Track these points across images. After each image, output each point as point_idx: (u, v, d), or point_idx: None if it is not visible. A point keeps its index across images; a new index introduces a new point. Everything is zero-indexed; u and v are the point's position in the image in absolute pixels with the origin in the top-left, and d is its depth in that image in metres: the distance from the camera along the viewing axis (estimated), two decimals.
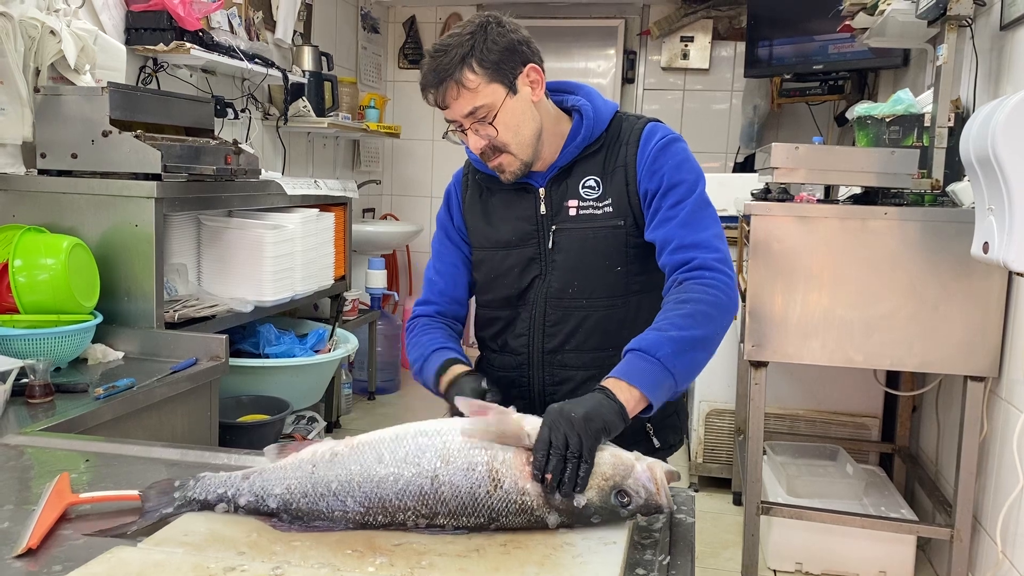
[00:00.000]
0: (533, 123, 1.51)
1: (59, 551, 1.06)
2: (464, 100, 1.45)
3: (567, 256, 1.55)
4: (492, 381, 1.49)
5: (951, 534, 2.33)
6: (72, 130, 2.39)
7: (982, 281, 2.25)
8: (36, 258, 2.10)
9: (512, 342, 1.61)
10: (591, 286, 1.55)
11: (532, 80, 1.50)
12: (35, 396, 1.83)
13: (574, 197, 1.55)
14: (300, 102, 4.03)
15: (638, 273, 1.55)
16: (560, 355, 1.57)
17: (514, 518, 1.08)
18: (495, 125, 1.47)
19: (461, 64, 1.43)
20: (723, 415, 3.59)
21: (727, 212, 3.77)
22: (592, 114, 1.57)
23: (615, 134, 1.58)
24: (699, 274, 1.42)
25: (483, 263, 1.64)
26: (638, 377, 1.26)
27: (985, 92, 2.46)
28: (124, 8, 2.98)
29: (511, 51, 1.47)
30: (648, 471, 1.10)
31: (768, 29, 4.43)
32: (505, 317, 1.62)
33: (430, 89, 1.48)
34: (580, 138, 1.56)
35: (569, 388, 1.57)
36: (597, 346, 1.56)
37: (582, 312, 1.55)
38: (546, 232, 1.57)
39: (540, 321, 1.57)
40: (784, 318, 2.37)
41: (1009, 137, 1.60)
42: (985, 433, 2.32)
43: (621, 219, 1.53)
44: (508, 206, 1.61)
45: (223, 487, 1.14)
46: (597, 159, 1.57)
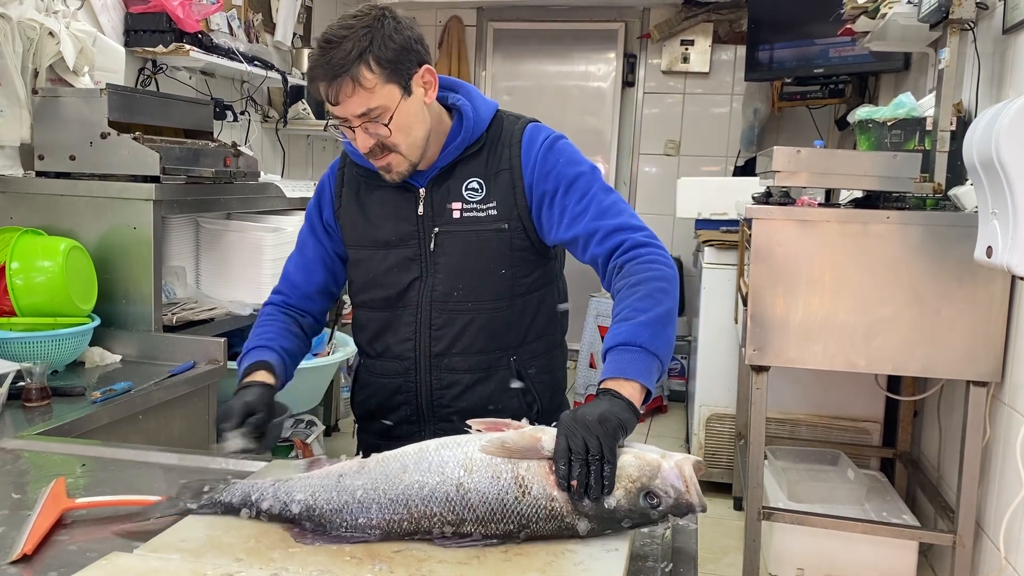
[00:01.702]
0: (424, 125, 1.49)
1: (55, 557, 1.05)
2: (358, 99, 1.39)
3: (451, 259, 1.53)
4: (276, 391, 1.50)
5: (953, 540, 2.32)
6: (70, 132, 2.37)
7: (984, 285, 2.24)
8: (33, 260, 2.09)
9: (396, 347, 1.58)
10: (476, 289, 1.53)
11: (426, 81, 1.47)
12: (32, 399, 1.82)
13: (457, 199, 1.53)
14: (300, 104, 4.02)
15: (524, 275, 1.55)
16: (447, 358, 1.55)
17: (544, 524, 1.06)
18: (389, 127, 1.43)
19: (358, 61, 1.37)
20: (723, 420, 3.57)
21: (727, 216, 3.77)
22: (472, 114, 1.54)
23: (496, 135, 1.56)
24: (635, 253, 1.42)
25: (361, 262, 1.61)
26: (630, 369, 1.25)
27: (987, 96, 2.45)
28: (123, 10, 2.97)
29: (407, 50, 1.42)
30: (676, 469, 1.07)
31: (769, 32, 4.42)
32: (383, 319, 1.59)
33: (321, 82, 1.40)
34: (460, 139, 1.53)
35: (457, 391, 1.56)
36: (484, 348, 1.55)
37: (468, 315, 1.54)
38: (427, 233, 1.54)
39: (426, 324, 1.55)
40: (785, 322, 2.36)
41: (1013, 140, 1.59)
42: (988, 438, 2.31)
43: (505, 222, 1.52)
44: (387, 204, 1.58)
45: (249, 491, 1.13)
46: (479, 160, 1.54)
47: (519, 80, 5.56)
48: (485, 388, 1.56)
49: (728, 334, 3.47)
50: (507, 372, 1.57)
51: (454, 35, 5.46)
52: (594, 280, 1.63)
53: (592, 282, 5.49)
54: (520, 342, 1.58)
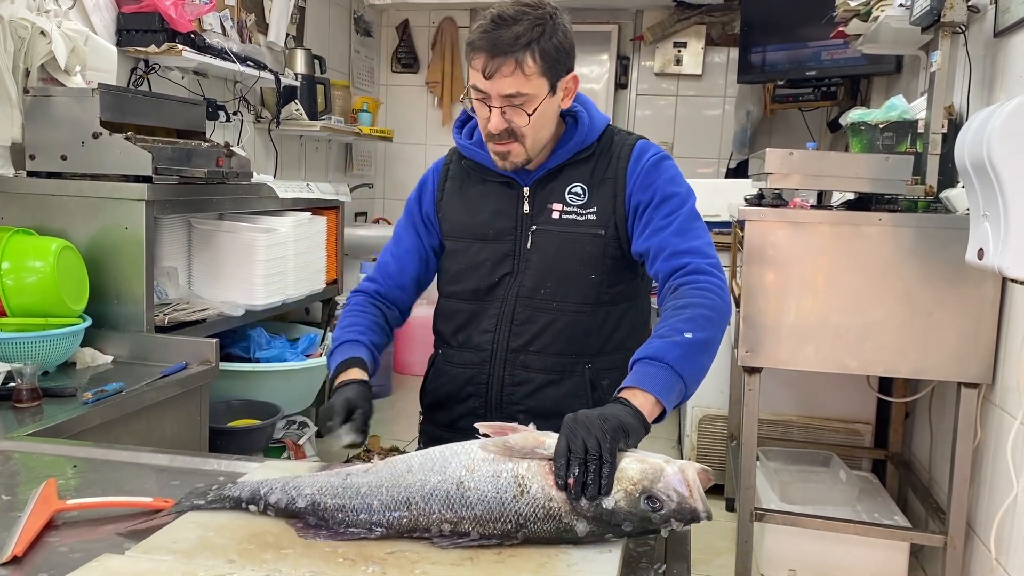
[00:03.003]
0: (553, 127, 1.54)
1: (45, 559, 1.04)
2: (513, 81, 1.43)
3: (543, 257, 1.56)
4: (373, 379, 1.51)
5: (945, 541, 2.33)
6: (62, 132, 2.37)
7: (976, 288, 2.25)
8: (24, 260, 2.08)
9: (477, 338, 1.60)
10: (564, 290, 1.55)
11: (567, 88, 1.52)
12: (22, 400, 1.81)
13: (559, 201, 1.56)
14: (292, 105, 4.01)
15: (611, 285, 1.57)
16: (523, 355, 1.57)
17: (542, 525, 1.05)
18: (522, 116, 1.46)
19: (526, 47, 1.41)
20: (716, 421, 3.58)
21: (720, 218, 3.78)
22: (587, 122, 1.58)
23: (607, 146, 1.59)
24: (694, 279, 1.43)
25: (456, 253, 1.64)
26: (649, 382, 1.24)
27: (979, 99, 2.46)
28: (115, 9, 2.96)
29: (567, 53, 1.48)
30: (679, 473, 1.06)
31: (761, 35, 4.43)
32: (469, 311, 1.62)
33: (482, 54, 1.42)
34: (572, 143, 1.57)
35: (528, 390, 1.58)
36: (560, 351, 1.57)
37: (551, 314, 1.56)
38: (525, 231, 1.57)
39: (508, 318, 1.57)
40: (778, 324, 2.37)
41: (1005, 143, 1.60)
42: (979, 440, 2.32)
43: (603, 228, 1.54)
44: (489, 199, 1.61)
45: (258, 487, 1.15)
46: (586, 167, 1.58)
47: None
48: (556, 391, 1.57)
49: None
50: (580, 379, 1.57)
51: (447, 36, 5.45)
52: None
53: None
54: (598, 351, 1.58)
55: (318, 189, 3.39)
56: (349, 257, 4.27)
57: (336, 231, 3.58)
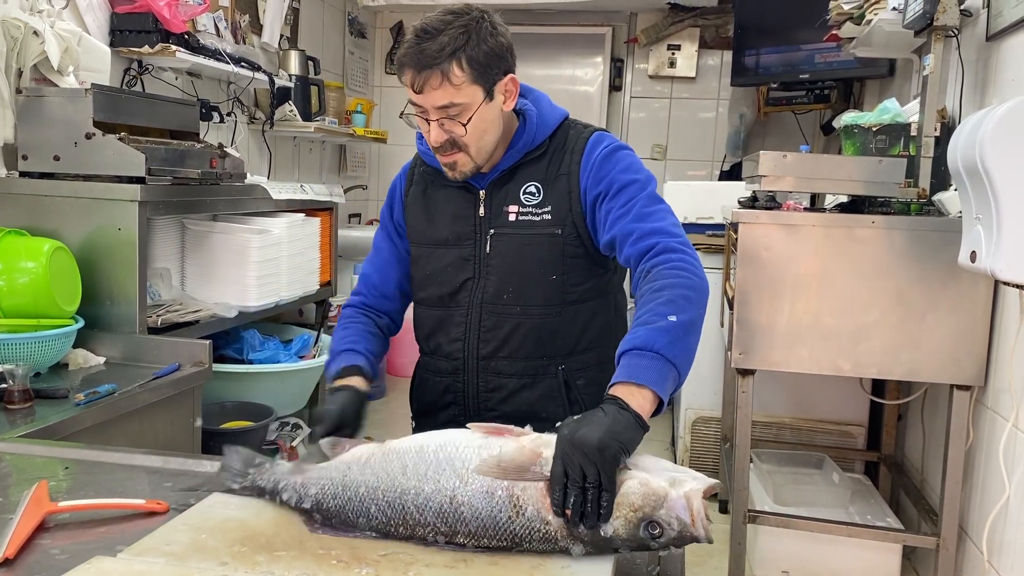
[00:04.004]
0: (497, 131, 1.51)
1: (37, 561, 1.04)
2: (443, 93, 1.41)
3: (503, 261, 1.54)
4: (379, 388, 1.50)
5: (937, 543, 2.33)
6: (55, 132, 2.36)
7: (968, 290, 2.25)
8: (16, 261, 2.07)
9: (447, 346, 1.60)
10: (526, 293, 1.54)
11: (508, 91, 1.49)
12: (14, 402, 1.80)
13: (514, 202, 1.54)
14: (286, 106, 4.01)
15: (575, 283, 1.54)
16: (494, 361, 1.56)
17: (537, 545, 1.05)
18: (466, 126, 1.45)
19: (451, 57, 1.39)
20: (709, 423, 3.58)
21: (714, 220, 3.79)
22: (536, 119, 1.55)
23: (561, 141, 1.57)
24: (665, 258, 1.38)
25: (419, 259, 1.64)
26: (643, 375, 1.18)
27: (971, 102, 2.47)
28: (109, 9, 2.95)
29: (498, 56, 1.45)
30: (683, 499, 1.02)
31: (755, 38, 4.44)
32: (437, 317, 1.61)
33: (410, 69, 1.42)
34: (521, 143, 1.55)
35: (502, 396, 1.57)
36: (530, 354, 1.55)
37: (516, 319, 1.54)
38: (483, 235, 1.56)
39: (476, 325, 1.56)
40: (771, 326, 2.37)
41: (997, 147, 1.60)
42: (971, 442, 2.33)
43: (559, 227, 1.52)
44: (449, 204, 1.60)
45: (277, 478, 1.19)
46: (540, 165, 1.55)
47: None
48: (530, 394, 1.56)
49: (714, 338, 3.48)
50: (554, 380, 1.56)
51: None
52: None
53: None
54: (570, 351, 1.56)
55: (312, 190, 3.38)
56: (343, 259, 4.27)
57: (330, 232, 3.58)
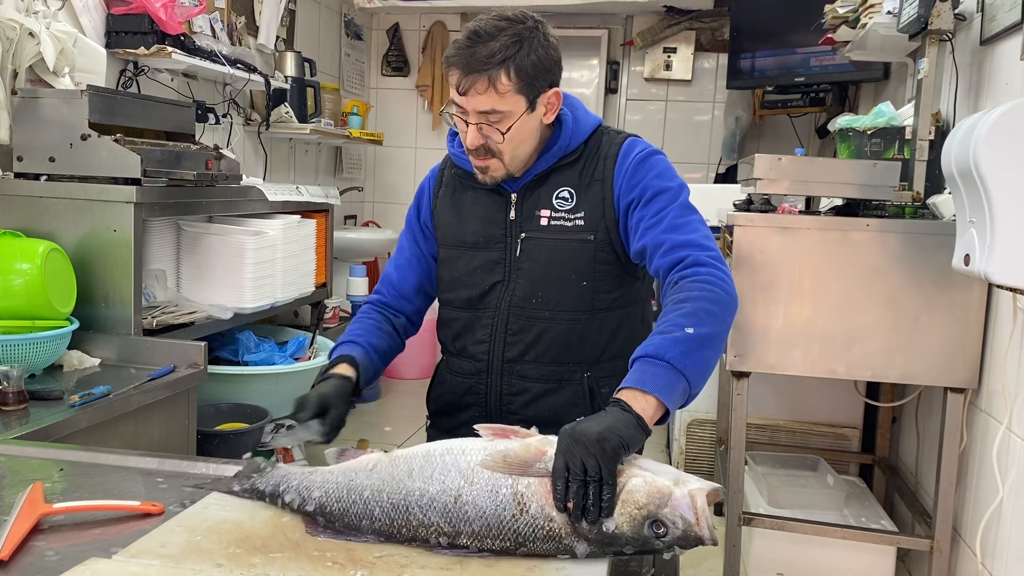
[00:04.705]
0: (534, 142, 1.52)
1: (31, 563, 1.04)
2: (487, 99, 1.42)
3: (534, 265, 1.54)
4: (364, 386, 1.52)
5: (931, 545, 2.34)
6: (50, 133, 2.35)
7: (962, 293, 2.26)
8: (11, 263, 2.07)
9: (472, 348, 1.60)
10: (556, 298, 1.53)
11: (550, 103, 1.50)
12: (8, 403, 1.80)
13: (547, 207, 1.54)
14: (282, 108, 4.01)
15: (605, 291, 1.55)
16: (519, 365, 1.56)
17: (541, 544, 1.04)
18: (504, 135, 1.46)
19: (500, 65, 1.40)
20: (704, 425, 3.59)
21: (709, 223, 3.77)
22: (572, 125, 1.56)
23: (595, 147, 1.57)
24: (694, 271, 1.37)
25: (448, 261, 1.64)
26: (651, 383, 1.18)
27: (965, 106, 2.48)
28: (105, 11, 2.95)
29: (546, 69, 1.46)
30: (687, 498, 1.03)
31: (750, 41, 4.46)
32: (464, 319, 1.61)
33: (457, 70, 1.43)
34: (556, 147, 1.55)
35: (525, 400, 1.56)
36: (556, 359, 1.55)
37: (544, 323, 1.54)
38: (514, 238, 1.56)
39: (502, 328, 1.56)
40: (766, 329, 2.38)
41: (991, 150, 1.61)
42: (965, 444, 2.34)
43: (591, 233, 1.52)
44: (479, 207, 1.60)
45: (280, 482, 1.19)
46: (574, 170, 1.56)
47: None
48: (555, 400, 1.55)
49: None
50: (579, 387, 1.56)
51: (438, 40, 5.45)
52: None
53: None
54: (596, 359, 1.56)
55: (307, 192, 3.38)
56: (338, 260, 4.27)
57: (325, 234, 3.58)
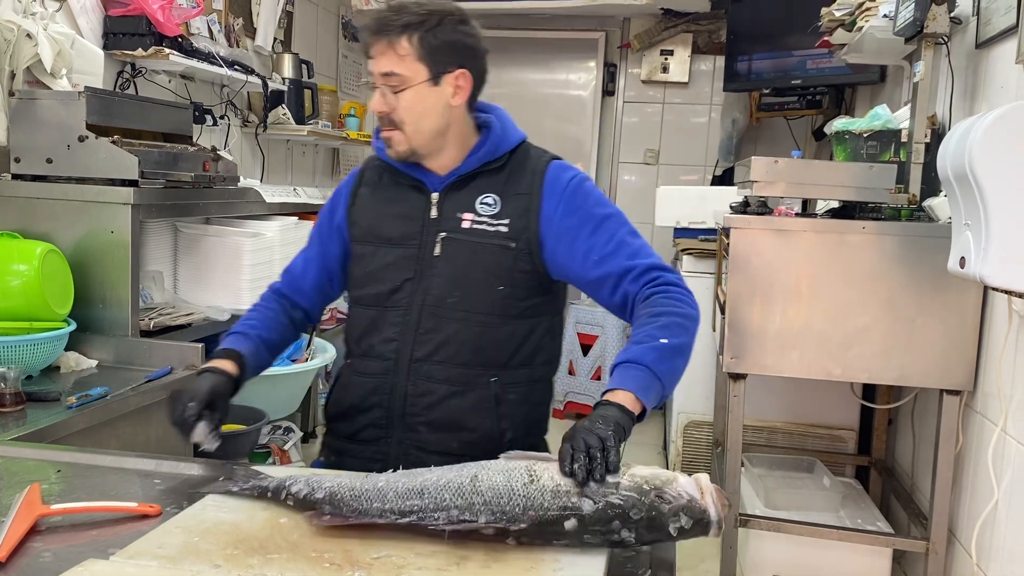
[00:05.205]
0: (439, 120, 1.53)
1: (28, 564, 1.04)
2: (386, 60, 1.48)
3: (453, 266, 1.54)
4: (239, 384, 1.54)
5: (926, 547, 2.34)
6: (48, 135, 2.35)
7: (958, 296, 2.27)
8: (8, 264, 2.07)
9: (379, 346, 1.58)
10: (471, 299, 1.54)
11: (459, 85, 1.52)
12: (5, 405, 1.80)
13: (469, 210, 1.55)
14: (280, 109, 4.01)
15: (520, 298, 1.56)
16: (427, 365, 1.54)
17: (549, 501, 1.08)
18: (400, 99, 1.49)
19: (404, 30, 1.46)
20: (701, 427, 3.59)
21: (706, 225, 3.80)
22: (499, 132, 1.59)
23: (521, 161, 1.60)
24: (665, 289, 1.48)
25: (363, 257, 1.63)
26: (632, 383, 1.31)
27: (961, 109, 2.49)
28: (102, 12, 2.95)
29: (455, 49, 1.50)
30: (693, 481, 1.10)
31: (747, 44, 4.47)
32: (371, 317, 1.59)
33: (367, 33, 1.50)
34: (483, 151, 1.57)
35: (430, 401, 1.55)
36: (466, 362, 1.54)
37: (457, 324, 1.54)
38: (431, 236, 1.56)
39: (414, 326, 1.55)
40: (763, 330, 2.38)
41: (986, 154, 1.62)
42: (960, 446, 2.34)
43: (514, 241, 1.53)
44: (399, 204, 1.61)
45: (283, 477, 1.22)
46: (499, 178, 1.57)
47: (499, 88, 5.55)
48: (459, 403, 1.55)
49: (706, 342, 3.49)
50: (485, 392, 1.55)
51: None
52: (573, 289, 1.65)
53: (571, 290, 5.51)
54: (504, 364, 1.57)
55: (305, 194, 3.38)
56: None
57: None
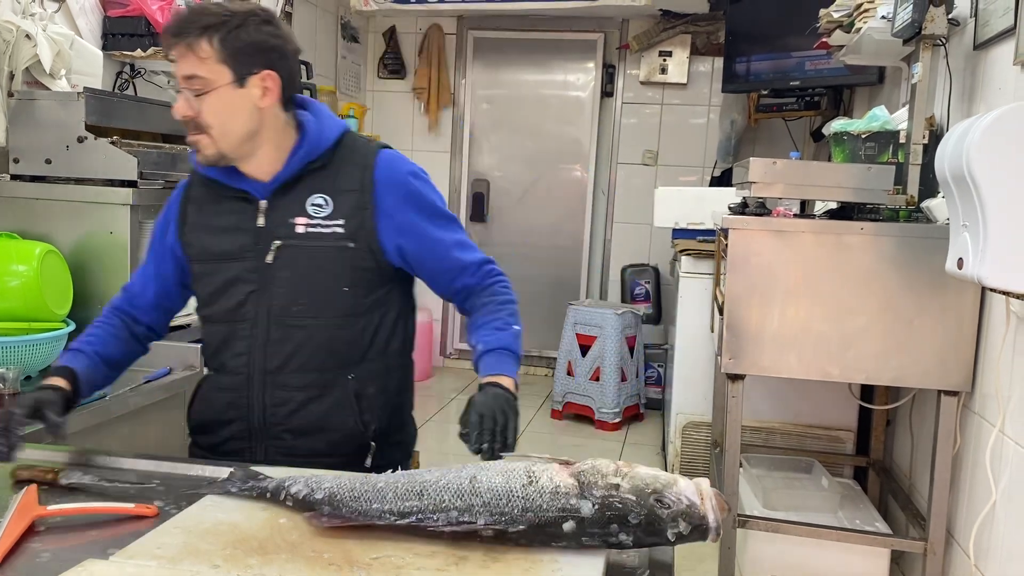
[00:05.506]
0: (248, 123, 1.49)
1: (25, 565, 1.04)
2: (187, 63, 1.44)
3: (292, 273, 1.52)
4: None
5: (924, 547, 2.35)
6: (47, 135, 2.35)
7: (956, 296, 2.27)
8: (7, 265, 2.07)
9: (231, 362, 1.56)
10: (318, 305, 1.53)
11: (266, 87, 1.48)
12: (4, 405, 1.79)
13: (301, 214, 1.53)
14: None
15: (365, 295, 1.55)
16: (281, 375, 1.53)
17: (548, 502, 1.07)
18: (203, 102, 1.45)
19: (203, 32, 1.43)
20: (699, 428, 3.60)
21: (704, 226, 3.80)
22: (315, 130, 1.55)
23: (346, 155, 1.57)
24: (498, 279, 1.63)
25: (204, 276, 1.59)
26: (507, 368, 1.50)
27: (959, 110, 2.49)
28: (101, 13, 2.95)
29: (258, 50, 1.47)
30: (693, 485, 1.09)
31: (746, 45, 4.47)
32: (222, 332, 1.58)
33: (168, 36, 1.47)
34: (302, 152, 1.54)
35: (290, 409, 1.54)
36: (321, 366, 1.54)
37: (306, 331, 1.53)
38: (266, 245, 1.53)
39: (262, 340, 1.53)
40: (761, 331, 2.38)
41: (984, 155, 1.62)
42: (958, 447, 2.34)
43: (352, 240, 1.52)
44: (228, 216, 1.57)
45: (282, 478, 1.22)
46: (325, 176, 1.55)
47: (499, 89, 5.58)
48: (319, 407, 1.54)
49: (704, 343, 3.49)
50: (343, 391, 1.55)
51: (434, 43, 5.47)
52: (572, 289, 1.69)
53: (570, 291, 5.51)
54: (359, 360, 1.57)
55: None
56: None
57: None
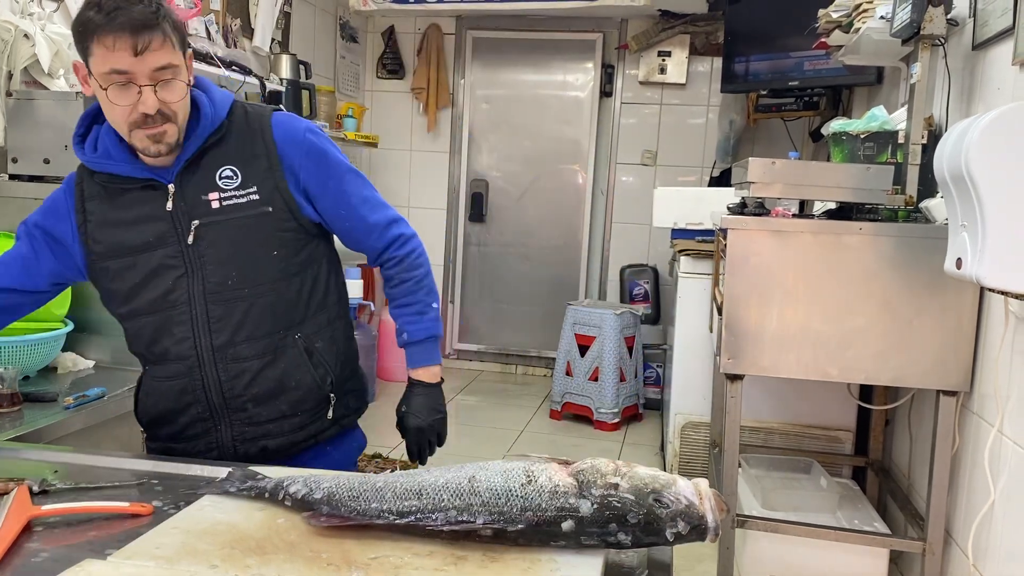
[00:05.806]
0: (188, 103, 1.49)
1: (23, 565, 1.04)
2: (163, 54, 1.38)
3: (219, 250, 1.51)
4: None
5: (923, 548, 2.35)
6: (45, 135, 2.35)
7: (954, 297, 2.27)
8: None
9: (174, 348, 1.54)
10: (252, 275, 1.53)
11: (190, 68, 1.48)
12: (3, 405, 1.80)
13: (213, 189, 1.51)
14: None
15: (294, 255, 1.57)
16: (232, 348, 1.53)
17: (547, 502, 1.07)
18: (172, 89, 1.42)
19: (165, 19, 1.38)
20: (698, 428, 3.60)
21: (703, 225, 3.80)
22: (209, 103, 1.53)
23: (241, 123, 1.56)
24: (410, 249, 1.67)
25: (122, 271, 1.54)
26: (432, 357, 1.68)
27: (957, 110, 2.49)
28: None
29: (181, 28, 1.47)
30: (692, 485, 1.09)
31: (744, 45, 4.47)
32: (154, 323, 1.55)
33: (124, 33, 1.34)
34: (200, 127, 1.51)
35: (247, 380, 1.55)
36: (269, 331, 1.55)
37: (247, 302, 1.53)
38: (185, 227, 1.51)
39: (203, 319, 1.52)
40: (760, 332, 2.38)
41: (982, 155, 1.62)
42: (957, 447, 2.35)
43: (268, 205, 1.53)
44: (137, 207, 1.53)
45: (281, 478, 1.22)
46: (227, 148, 1.54)
47: (497, 88, 5.58)
48: (274, 371, 1.56)
49: (703, 343, 3.49)
50: (295, 350, 1.57)
51: (433, 43, 5.46)
52: (571, 289, 1.72)
53: (569, 291, 5.51)
54: (303, 319, 1.59)
55: None
56: None
57: None
